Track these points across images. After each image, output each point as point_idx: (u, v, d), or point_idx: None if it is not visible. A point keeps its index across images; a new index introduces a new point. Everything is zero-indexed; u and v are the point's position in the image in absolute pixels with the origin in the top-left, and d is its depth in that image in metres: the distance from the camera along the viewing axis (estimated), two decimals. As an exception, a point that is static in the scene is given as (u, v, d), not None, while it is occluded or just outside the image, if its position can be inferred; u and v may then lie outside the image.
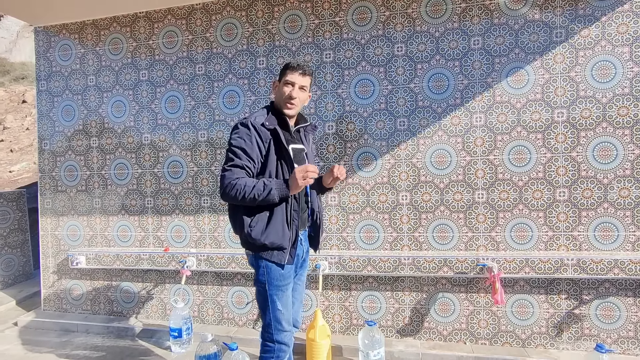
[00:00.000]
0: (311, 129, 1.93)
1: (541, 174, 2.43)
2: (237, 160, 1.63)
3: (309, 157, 1.89)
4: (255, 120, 1.69)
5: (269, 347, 1.72)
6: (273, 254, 1.68)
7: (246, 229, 1.66)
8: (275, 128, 1.70)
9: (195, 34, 2.91)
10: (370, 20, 2.63)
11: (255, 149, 1.65)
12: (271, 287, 1.69)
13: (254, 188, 1.57)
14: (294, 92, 1.73)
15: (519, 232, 2.47)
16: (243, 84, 2.83)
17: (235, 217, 1.72)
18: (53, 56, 3.20)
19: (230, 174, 1.61)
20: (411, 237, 2.61)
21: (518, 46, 2.44)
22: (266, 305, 1.71)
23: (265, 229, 1.65)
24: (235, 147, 1.65)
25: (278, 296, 1.70)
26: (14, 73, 20.48)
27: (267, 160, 1.68)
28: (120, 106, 3.08)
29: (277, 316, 1.70)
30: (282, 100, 1.75)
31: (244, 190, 1.57)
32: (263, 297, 1.71)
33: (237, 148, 1.65)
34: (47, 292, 3.26)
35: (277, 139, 1.70)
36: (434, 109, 2.56)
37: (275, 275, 1.69)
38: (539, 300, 2.44)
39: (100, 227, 3.14)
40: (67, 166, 3.20)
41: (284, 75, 1.77)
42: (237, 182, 1.58)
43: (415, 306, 2.61)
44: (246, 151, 1.64)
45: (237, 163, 1.63)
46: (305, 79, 1.76)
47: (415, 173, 2.59)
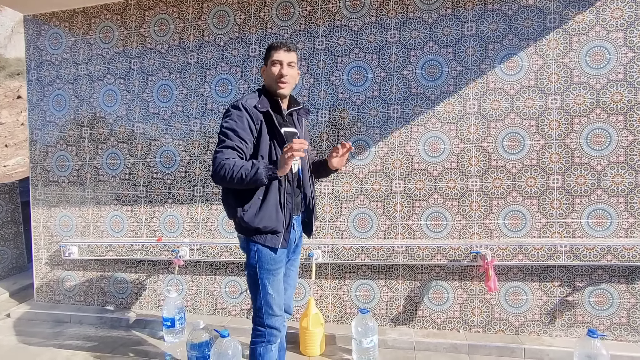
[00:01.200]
0: (304, 112, 1.91)
1: (535, 161, 2.42)
2: (228, 142, 1.60)
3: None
4: (246, 103, 1.67)
5: (259, 331, 1.71)
6: (267, 237, 1.67)
7: (239, 213, 1.65)
8: (268, 110, 1.68)
9: (187, 22, 2.88)
10: (363, 7, 2.60)
11: (247, 129, 1.63)
12: (262, 270, 1.68)
13: (241, 167, 1.54)
14: (283, 70, 1.70)
15: (513, 220, 2.46)
16: (235, 72, 2.81)
17: (228, 201, 1.71)
18: (43, 45, 3.16)
19: (221, 154, 1.58)
20: (405, 225, 2.60)
21: (512, 32, 2.42)
22: (257, 289, 1.69)
23: (258, 212, 1.63)
24: (227, 128, 1.63)
25: (269, 280, 1.69)
26: (9, 69, 20.31)
27: (260, 143, 1.66)
28: (111, 95, 3.05)
29: (268, 300, 1.68)
30: (273, 80, 1.72)
31: (232, 169, 1.54)
32: (254, 281, 1.70)
33: (228, 129, 1.62)
34: (39, 284, 3.24)
35: (269, 121, 1.68)
36: (427, 96, 2.54)
37: (267, 259, 1.67)
38: (533, 287, 2.43)
39: (93, 217, 3.12)
40: (59, 156, 3.17)
41: (269, 57, 1.74)
42: (227, 161, 1.56)
43: (409, 295, 2.60)
44: (237, 132, 1.61)
45: (228, 144, 1.60)
46: (291, 54, 1.73)
47: (409, 161, 2.58)
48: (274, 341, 1.72)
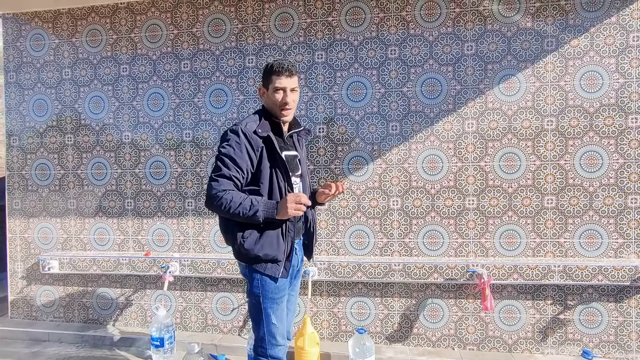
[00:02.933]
0: (305, 133, 1.86)
1: (530, 181, 2.46)
2: (224, 170, 1.54)
3: (302, 163, 1.81)
4: (246, 127, 1.60)
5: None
6: (267, 266, 1.61)
7: (239, 239, 1.58)
8: (269, 135, 1.61)
9: (180, 29, 2.78)
10: (364, 22, 2.58)
11: (245, 158, 1.56)
12: (266, 300, 1.62)
13: (239, 205, 1.50)
14: (287, 98, 1.64)
15: (508, 239, 2.49)
16: (231, 83, 2.73)
17: (227, 227, 1.64)
18: (24, 46, 2.98)
19: (217, 184, 1.53)
20: (402, 242, 2.59)
21: (510, 53, 2.45)
22: (260, 318, 1.63)
23: (258, 240, 1.58)
24: (224, 155, 1.56)
25: (273, 309, 1.63)
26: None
27: (260, 169, 1.60)
28: (98, 102, 2.91)
29: (272, 330, 1.63)
30: (276, 107, 1.66)
31: (229, 205, 1.49)
32: (257, 310, 1.64)
33: (226, 157, 1.56)
34: (14, 299, 3.06)
35: (270, 146, 1.62)
36: (426, 114, 2.54)
37: (270, 288, 1.62)
38: (526, 305, 2.47)
39: (76, 229, 2.97)
40: (39, 164, 3.00)
41: (269, 81, 1.66)
42: (224, 195, 1.50)
43: (404, 312, 2.59)
44: (235, 160, 1.55)
45: (224, 173, 1.54)
46: (294, 79, 1.67)
47: (407, 178, 2.57)
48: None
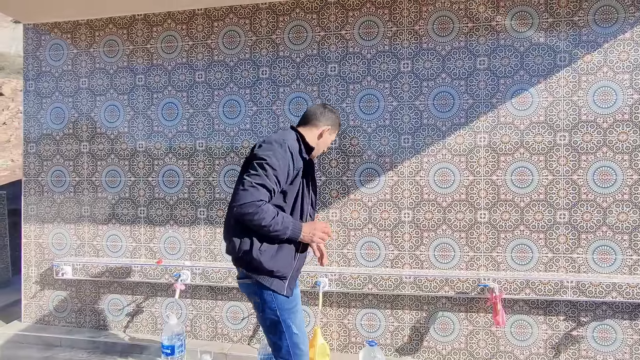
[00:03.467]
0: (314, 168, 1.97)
1: (542, 196, 2.45)
2: (265, 180, 1.52)
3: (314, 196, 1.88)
4: (292, 146, 1.63)
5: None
6: (273, 281, 1.63)
7: (255, 252, 1.58)
8: (309, 160, 1.76)
9: (196, 40, 2.83)
10: (377, 35, 2.61)
11: (285, 173, 1.58)
12: (283, 312, 1.63)
13: (273, 219, 1.52)
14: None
15: (520, 253, 2.48)
16: (245, 94, 2.76)
17: (242, 236, 1.61)
18: (43, 55, 3.05)
19: (257, 193, 1.50)
20: (412, 255, 2.59)
21: (523, 68, 2.46)
22: (280, 332, 1.64)
23: (275, 255, 1.60)
24: (268, 164, 1.54)
25: (292, 319, 1.65)
26: (-9, 63, 19.71)
27: (290, 188, 1.65)
28: (114, 111, 2.96)
29: (295, 340, 1.65)
30: (324, 148, 1.89)
31: (262, 217, 1.49)
32: (274, 325, 1.65)
33: (269, 166, 1.54)
34: (27, 303, 3.10)
35: (304, 170, 1.72)
36: (438, 127, 2.55)
37: (283, 299, 1.64)
38: (538, 321, 2.45)
39: (89, 236, 3.01)
40: (55, 171, 3.05)
41: (334, 131, 1.89)
42: (262, 205, 1.50)
43: (414, 325, 2.59)
44: (277, 172, 1.55)
45: (265, 183, 1.52)
46: None
47: (418, 191, 2.58)
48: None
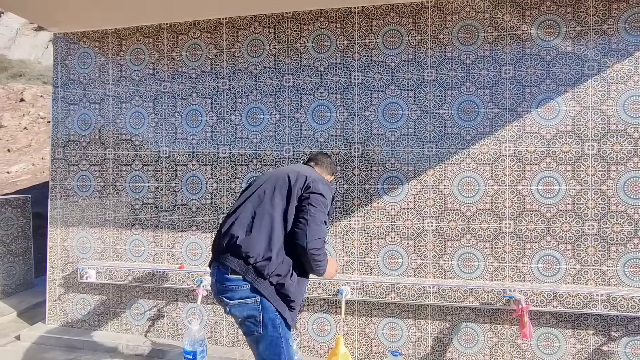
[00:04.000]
0: None
1: (570, 206, 2.41)
2: (325, 217, 1.74)
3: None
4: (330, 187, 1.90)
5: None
6: (286, 311, 1.71)
7: (287, 281, 1.67)
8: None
9: (220, 48, 2.87)
10: (401, 44, 2.61)
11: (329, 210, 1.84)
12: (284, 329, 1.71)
13: (325, 258, 1.73)
14: None
15: (546, 264, 2.44)
16: (268, 102, 2.79)
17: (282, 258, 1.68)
18: (72, 63, 3.13)
19: (324, 230, 1.72)
20: (436, 264, 2.57)
21: (549, 77, 2.44)
22: (280, 347, 1.69)
23: (297, 285, 1.73)
24: (326, 203, 1.77)
25: (289, 335, 1.75)
26: (12, 70, 20.30)
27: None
28: (139, 117, 3.02)
29: (292, 354, 1.72)
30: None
31: (323, 252, 1.70)
32: (276, 341, 1.68)
33: (325, 206, 1.76)
34: (52, 306, 3.15)
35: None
36: (462, 136, 2.54)
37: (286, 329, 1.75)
38: (566, 334, 2.40)
39: (112, 240, 3.05)
40: (81, 176, 3.11)
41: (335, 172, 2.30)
42: (325, 242, 1.73)
43: (437, 335, 2.56)
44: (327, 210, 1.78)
45: (325, 220, 1.74)
46: None
47: (442, 200, 2.56)
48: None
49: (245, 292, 1.66)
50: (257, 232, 1.68)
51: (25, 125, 12.20)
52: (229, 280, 1.67)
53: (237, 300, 1.67)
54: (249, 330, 1.70)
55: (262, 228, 1.68)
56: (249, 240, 1.67)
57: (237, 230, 1.70)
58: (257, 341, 1.70)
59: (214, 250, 1.81)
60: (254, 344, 1.72)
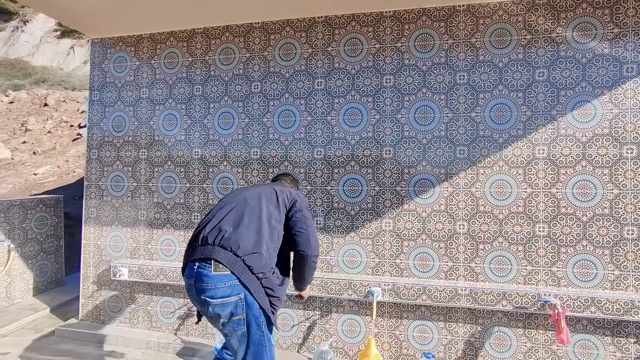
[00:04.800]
0: None
1: (607, 210, 2.37)
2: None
3: None
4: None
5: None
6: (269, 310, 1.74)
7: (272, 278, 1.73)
8: None
9: (252, 52, 2.94)
10: (433, 48, 2.63)
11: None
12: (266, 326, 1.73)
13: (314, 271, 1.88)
14: None
15: (583, 269, 2.40)
16: (300, 104, 2.84)
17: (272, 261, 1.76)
18: (108, 67, 3.24)
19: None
20: (467, 267, 2.55)
21: (585, 80, 2.42)
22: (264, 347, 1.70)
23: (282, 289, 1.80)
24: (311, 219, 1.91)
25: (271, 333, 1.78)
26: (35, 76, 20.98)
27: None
28: (171, 119, 3.10)
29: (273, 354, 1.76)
30: None
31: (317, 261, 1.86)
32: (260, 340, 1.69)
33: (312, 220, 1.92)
34: (85, 302, 3.23)
35: None
36: (495, 139, 2.53)
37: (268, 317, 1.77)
38: (605, 342, 2.35)
39: (144, 239, 3.12)
40: (114, 176, 3.20)
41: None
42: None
43: (469, 339, 2.53)
44: None
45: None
46: None
47: (474, 202, 2.55)
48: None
49: (228, 290, 1.62)
50: (246, 229, 1.71)
51: (49, 129, 12.57)
52: (210, 278, 1.62)
53: (219, 299, 1.62)
54: (233, 330, 1.66)
55: (250, 225, 1.72)
56: (239, 234, 1.68)
57: (226, 226, 1.70)
58: (240, 341, 1.67)
59: (188, 254, 1.75)
60: (237, 344, 1.68)
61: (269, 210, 1.78)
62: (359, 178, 2.72)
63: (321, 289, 2.65)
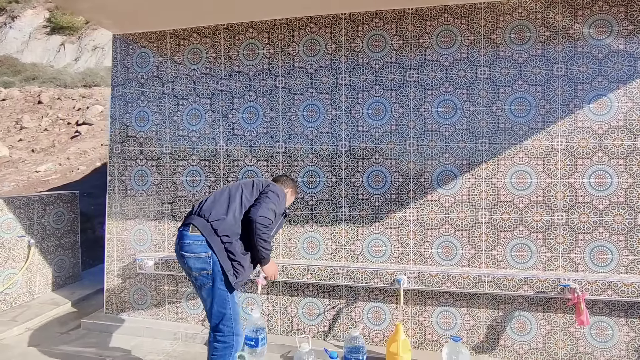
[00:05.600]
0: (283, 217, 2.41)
1: (622, 199, 2.50)
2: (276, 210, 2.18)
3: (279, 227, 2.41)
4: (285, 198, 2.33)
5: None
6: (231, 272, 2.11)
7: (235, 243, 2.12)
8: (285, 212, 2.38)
9: (277, 48, 3.00)
10: (454, 44, 2.73)
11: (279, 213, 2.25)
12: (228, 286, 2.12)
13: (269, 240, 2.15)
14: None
15: (599, 255, 2.53)
16: (324, 99, 2.91)
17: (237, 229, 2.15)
18: (130, 63, 3.27)
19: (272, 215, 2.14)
20: (489, 255, 2.66)
21: (601, 74, 2.54)
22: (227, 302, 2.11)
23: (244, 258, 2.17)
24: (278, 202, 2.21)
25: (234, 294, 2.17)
26: (25, 73, 20.62)
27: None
28: (196, 114, 3.15)
29: (237, 310, 2.17)
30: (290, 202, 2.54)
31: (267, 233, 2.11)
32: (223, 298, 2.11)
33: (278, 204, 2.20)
34: (110, 295, 3.27)
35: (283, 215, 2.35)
36: (515, 132, 2.64)
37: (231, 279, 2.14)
38: (619, 323, 2.48)
39: (169, 232, 3.17)
40: (138, 171, 3.24)
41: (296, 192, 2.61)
42: (272, 224, 2.14)
43: (491, 323, 2.65)
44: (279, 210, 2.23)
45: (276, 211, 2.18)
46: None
47: (495, 193, 2.66)
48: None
49: (199, 248, 2.07)
50: (219, 204, 2.19)
51: (45, 127, 12.42)
52: (187, 237, 2.11)
53: (192, 254, 2.08)
54: (202, 283, 2.11)
55: (224, 202, 2.19)
56: (213, 207, 2.17)
57: (207, 203, 2.21)
58: (207, 294, 2.11)
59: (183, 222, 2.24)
60: (205, 296, 2.12)
61: (243, 193, 2.23)
62: (383, 170, 2.81)
63: (347, 278, 2.74)
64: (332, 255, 2.89)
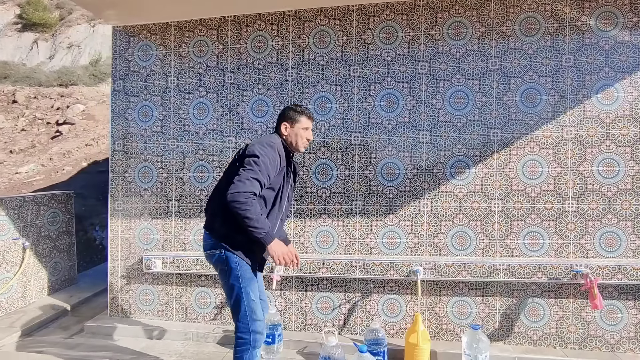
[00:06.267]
0: (297, 168, 2.23)
1: (629, 186, 2.58)
2: (258, 174, 1.87)
3: (290, 188, 2.16)
4: (279, 148, 2.01)
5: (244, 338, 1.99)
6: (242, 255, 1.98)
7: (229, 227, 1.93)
8: (291, 161, 2.09)
9: (286, 40, 2.95)
10: (465, 36, 2.75)
11: (273, 170, 1.94)
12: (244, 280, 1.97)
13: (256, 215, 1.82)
14: (310, 137, 2.13)
15: (608, 240, 2.60)
16: (335, 91, 2.88)
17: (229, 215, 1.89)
18: (132, 56, 3.15)
19: (251, 185, 1.83)
20: (502, 243, 2.70)
21: (608, 65, 2.61)
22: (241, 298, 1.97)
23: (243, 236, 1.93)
24: (262, 162, 1.89)
25: (251, 288, 1.99)
26: (-5, 72, 19.70)
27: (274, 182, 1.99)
28: (202, 108, 3.06)
29: (252, 307, 1.99)
30: (300, 141, 2.10)
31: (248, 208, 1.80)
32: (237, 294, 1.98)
33: (262, 163, 1.89)
34: (114, 297, 3.15)
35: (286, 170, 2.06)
36: (526, 122, 2.69)
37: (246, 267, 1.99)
38: (627, 306, 2.56)
39: (176, 230, 3.08)
40: (142, 168, 3.13)
41: (298, 121, 2.09)
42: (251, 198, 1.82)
43: (505, 311, 2.69)
44: (268, 169, 1.91)
45: (258, 177, 1.86)
46: (312, 122, 2.16)
47: (508, 182, 2.70)
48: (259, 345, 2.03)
49: (210, 244, 2.03)
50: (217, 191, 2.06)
51: (22, 127, 11.90)
52: (204, 235, 2.08)
53: (207, 251, 2.06)
54: (220, 278, 2.06)
55: (216, 191, 2.07)
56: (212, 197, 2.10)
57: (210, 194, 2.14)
58: (225, 289, 2.05)
59: None
60: (225, 293, 2.06)
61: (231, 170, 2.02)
62: (396, 162, 2.81)
63: (363, 271, 2.73)
64: (346, 249, 2.87)
